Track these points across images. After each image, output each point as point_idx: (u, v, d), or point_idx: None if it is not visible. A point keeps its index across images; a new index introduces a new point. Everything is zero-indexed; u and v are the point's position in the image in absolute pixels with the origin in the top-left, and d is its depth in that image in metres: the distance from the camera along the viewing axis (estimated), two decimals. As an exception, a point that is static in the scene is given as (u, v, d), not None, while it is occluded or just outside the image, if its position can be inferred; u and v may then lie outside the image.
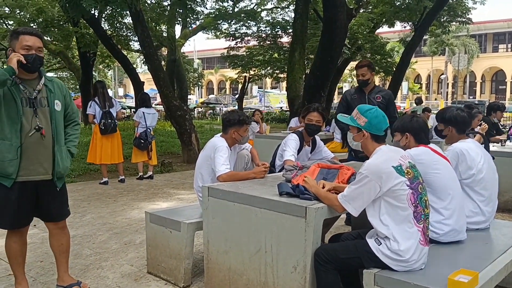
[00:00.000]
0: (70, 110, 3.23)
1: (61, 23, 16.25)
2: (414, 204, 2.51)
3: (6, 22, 18.80)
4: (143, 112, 8.03)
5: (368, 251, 2.54)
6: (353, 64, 22.32)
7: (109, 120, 7.34)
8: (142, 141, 7.94)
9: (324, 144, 4.73)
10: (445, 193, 2.92)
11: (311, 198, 2.72)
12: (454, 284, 2.19)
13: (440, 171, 2.96)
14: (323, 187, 2.79)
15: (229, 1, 16.75)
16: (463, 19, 16.48)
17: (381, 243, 2.52)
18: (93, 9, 9.72)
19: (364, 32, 16.87)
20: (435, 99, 45.40)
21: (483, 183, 3.30)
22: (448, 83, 48.61)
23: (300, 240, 2.59)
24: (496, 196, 3.39)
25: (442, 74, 46.65)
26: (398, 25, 17.96)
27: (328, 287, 2.60)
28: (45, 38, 18.32)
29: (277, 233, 2.72)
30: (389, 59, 19.75)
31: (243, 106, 27.31)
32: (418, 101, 14.62)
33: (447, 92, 47.95)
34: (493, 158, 3.64)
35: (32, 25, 16.17)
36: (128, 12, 10.21)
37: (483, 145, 3.93)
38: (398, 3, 15.13)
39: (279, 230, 2.70)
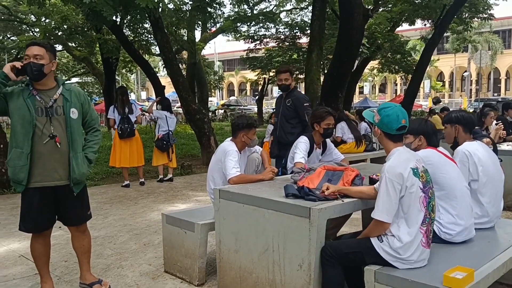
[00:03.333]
0: (89, 117, 3.34)
1: (85, 30, 16.71)
2: (425, 207, 2.60)
3: (33, 30, 19.44)
4: (165, 116, 8.30)
5: (370, 247, 2.65)
6: (373, 63, 22.21)
7: (126, 125, 7.61)
8: (164, 142, 8.20)
9: (336, 147, 4.83)
10: (454, 194, 3.00)
11: (315, 199, 2.84)
12: (449, 280, 2.29)
13: (448, 173, 3.04)
14: (327, 189, 2.90)
15: (249, 3, 16.85)
16: (485, 15, 16.23)
17: (383, 241, 2.63)
18: (114, 16, 10.00)
19: (384, 31, 16.76)
20: (460, 96, 44.59)
21: (489, 185, 3.35)
22: (471, 80, 47.64)
23: (305, 239, 2.72)
24: (501, 197, 3.43)
25: (465, 71, 45.78)
26: (419, 23, 17.79)
27: (332, 281, 2.73)
28: (70, 44, 18.93)
29: (283, 233, 2.85)
30: (409, 58, 19.58)
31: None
32: (436, 100, 14.57)
33: (470, 89, 46.97)
34: (501, 161, 3.67)
35: (57, 32, 16.69)
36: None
37: (492, 147, 3.96)
38: (418, 1, 14.97)
39: (285, 230, 2.83)
